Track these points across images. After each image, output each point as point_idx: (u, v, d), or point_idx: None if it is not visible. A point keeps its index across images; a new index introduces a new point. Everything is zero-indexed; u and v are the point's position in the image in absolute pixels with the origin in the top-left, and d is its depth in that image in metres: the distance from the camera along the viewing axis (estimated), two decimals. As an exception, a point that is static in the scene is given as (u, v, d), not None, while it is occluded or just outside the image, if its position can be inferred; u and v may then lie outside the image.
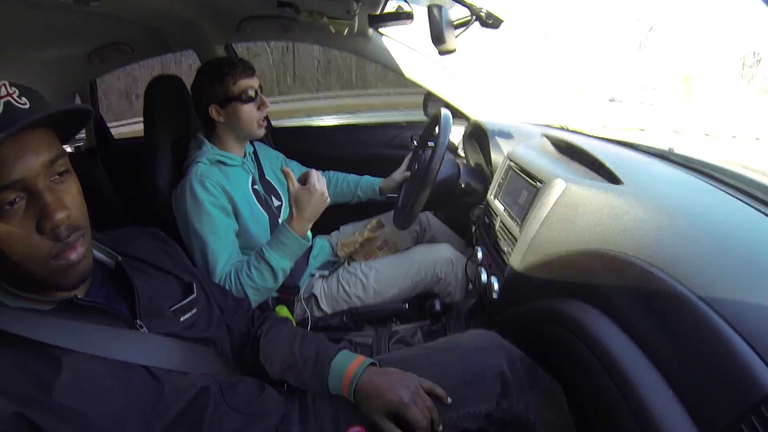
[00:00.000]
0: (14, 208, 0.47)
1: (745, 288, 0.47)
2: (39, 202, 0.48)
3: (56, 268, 0.50)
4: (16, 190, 0.47)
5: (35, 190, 0.48)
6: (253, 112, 1.09)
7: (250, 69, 1.10)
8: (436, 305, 1.06)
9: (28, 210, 0.48)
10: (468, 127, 1.42)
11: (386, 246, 1.38)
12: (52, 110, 0.48)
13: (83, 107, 0.53)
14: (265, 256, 0.96)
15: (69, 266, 0.51)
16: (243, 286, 0.97)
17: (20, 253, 0.48)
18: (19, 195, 0.47)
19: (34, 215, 0.48)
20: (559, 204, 0.75)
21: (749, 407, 0.41)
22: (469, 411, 0.67)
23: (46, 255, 0.49)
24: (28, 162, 0.47)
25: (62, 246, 0.50)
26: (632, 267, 0.58)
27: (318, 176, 0.97)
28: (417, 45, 1.45)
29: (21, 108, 0.47)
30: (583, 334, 0.63)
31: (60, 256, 0.50)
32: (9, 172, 0.46)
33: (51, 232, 0.49)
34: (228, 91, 1.06)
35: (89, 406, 0.50)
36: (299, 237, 0.96)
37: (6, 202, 0.47)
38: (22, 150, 0.47)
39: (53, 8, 1.00)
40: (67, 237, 0.50)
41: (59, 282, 0.51)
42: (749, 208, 0.65)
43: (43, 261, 0.49)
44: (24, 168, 0.47)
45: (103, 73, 1.86)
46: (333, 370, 0.69)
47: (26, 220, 0.48)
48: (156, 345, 0.59)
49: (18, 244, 0.47)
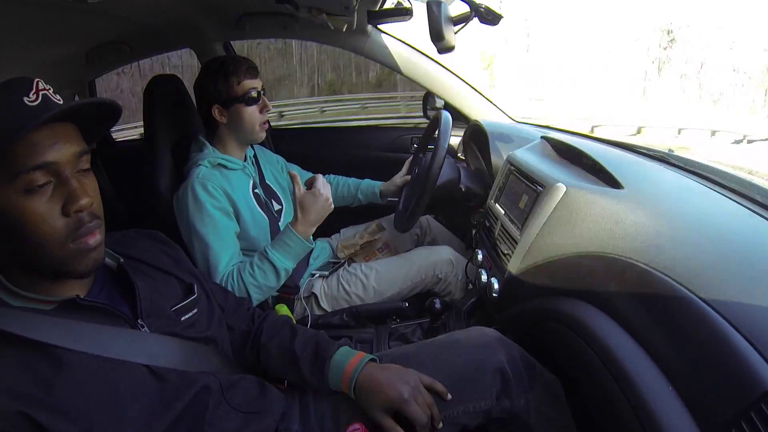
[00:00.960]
0: (43, 189, 0.50)
1: (745, 289, 0.48)
2: (66, 186, 0.51)
3: (73, 251, 0.52)
4: (47, 173, 0.50)
5: (64, 175, 0.51)
6: (256, 115, 1.09)
7: (254, 69, 1.10)
8: (436, 303, 1.06)
9: (55, 193, 0.51)
10: (467, 129, 1.42)
11: (387, 248, 1.38)
12: (84, 101, 0.52)
13: (111, 101, 0.56)
14: (269, 256, 0.98)
15: (86, 250, 0.53)
16: (246, 284, 0.98)
17: (42, 232, 0.50)
18: (49, 179, 0.50)
19: (60, 198, 0.51)
20: (559, 208, 0.75)
21: (749, 403, 0.41)
22: (469, 407, 0.67)
23: (66, 236, 0.51)
24: (60, 148, 0.51)
25: (84, 229, 0.52)
26: (632, 269, 0.58)
27: (323, 182, 1.00)
28: (416, 42, 1.45)
29: (56, 102, 0.52)
30: (583, 332, 0.64)
31: (79, 239, 0.52)
32: (43, 155, 0.49)
33: (75, 216, 0.51)
34: (231, 91, 1.06)
35: (91, 405, 0.50)
36: (303, 239, 0.98)
37: (36, 184, 0.49)
38: (56, 137, 0.51)
39: (51, 6, 0.99)
40: (89, 222, 0.53)
41: (74, 266, 0.53)
42: (748, 211, 0.65)
43: (62, 242, 0.51)
44: (56, 153, 0.50)
45: (102, 72, 1.85)
46: (333, 366, 0.70)
47: (53, 202, 0.51)
48: (157, 344, 0.59)
49: (42, 223, 0.50)
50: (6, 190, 0.49)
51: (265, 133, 1.13)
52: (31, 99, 0.49)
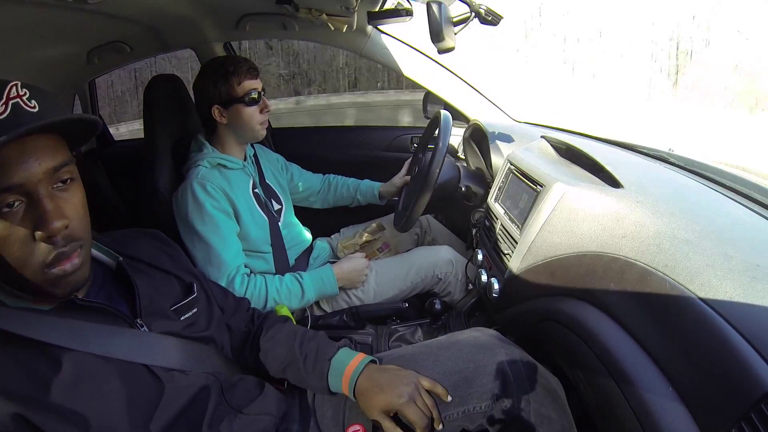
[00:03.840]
0: (13, 210, 0.47)
1: (745, 289, 0.47)
2: (38, 208, 0.47)
3: (49, 276, 0.49)
4: (16, 194, 0.46)
5: (36, 195, 0.47)
6: (256, 115, 1.09)
7: (254, 70, 1.10)
8: (436, 304, 1.06)
9: (26, 214, 0.47)
10: (467, 129, 1.42)
11: (387, 248, 1.38)
12: (55, 118, 0.48)
13: (89, 117, 0.52)
14: (303, 283, 1.06)
15: (62, 276, 0.50)
16: (268, 295, 1.02)
17: (16, 256, 0.47)
18: (19, 199, 0.47)
19: (32, 221, 0.47)
20: (559, 208, 0.75)
21: (749, 404, 0.41)
22: (470, 408, 0.67)
23: (41, 262, 0.48)
24: (30, 167, 0.47)
25: (57, 255, 0.49)
26: (632, 269, 0.58)
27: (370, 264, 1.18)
28: (416, 42, 1.45)
29: (29, 111, 0.47)
30: (583, 332, 0.64)
31: (54, 265, 0.49)
32: (10, 176, 0.45)
33: (49, 240, 0.48)
34: (232, 91, 1.06)
35: (89, 406, 0.50)
36: (336, 281, 1.10)
37: (5, 204, 0.46)
38: (25, 155, 0.46)
39: (51, 6, 0.99)
40: (63, 246, 0.49)
41: (51, 291, 0.51)
42: (749, 210, 0.65)
43: (37, 268, 0.48)
44: (25, 173, 0.46)
45: (102, 72, 1.85)
46: (333, 368, 0.70)
47: (24, 224, 0.47)
48: (156, 344, 0.59)
49: (14, 247, 0.47)
50: None
51: (264, 132, 1.13)
52: None
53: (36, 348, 0.50)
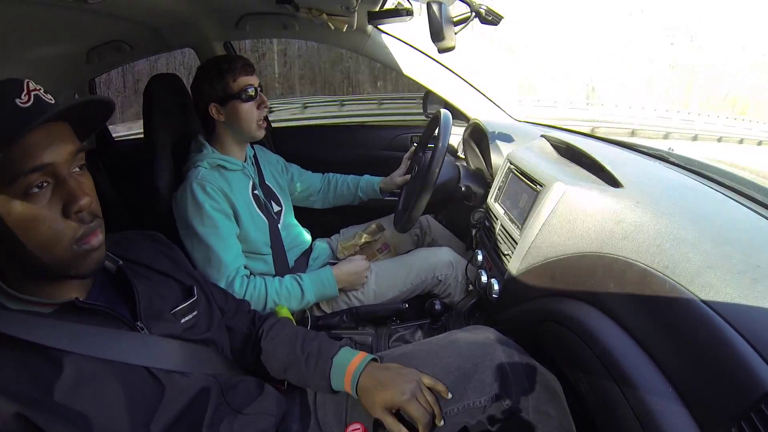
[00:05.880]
0: (41, 191, 0.50)
1: (745, 290, 0.47)
2: (65, 187, 0.51)
3: (78, 252, 0.52)
4: (44, 174, 0.49)
5: (61, 176, 0.51)
6: (253, 112, 1.09)
7: (250, 66, 1.09)
8: (436, 305, 1.06)
9: (54, 195, 0.50)
10: (467, 128, 1.42)
11: (386, 249, 1.38)
12: (78, 100, 0.52)
13: (106, 98, 0.56)
14: (302, 285, 1.05)
15: (90, 251, 0.53)
16: (267, 295, 1.02)
17: (46, 236, 0.50)
18: (47, 180, 0.50)
19: (60, 199, 0.51)
20: (559, 208, 0.75)
21: (749, 404, 0.41)
22: (469, 403, 0.67)
23: (71, 238, 0.51)
24: (57, 149, 0.50)
25: (86, 230, 0.52)
26: (632, 269, 0.58)
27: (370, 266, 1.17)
28: (416, 41, 1.45)
29: (48, 102, 0.51)
30: (584, 333, 0.64)
31: (83, 241, 0.52)
32: (39, 156, 0.49)
33: (76, 216, 0.51)
34: (228, 88, 1.06)
35: (90, 407, 0.50)
36: (335, 283, 1.09)
37: (34, 185, 0.49)
38: (51, 137, 0.50)
39: (51, 6, 0.99)
40: (90, 221, 0.53)
41: (77, 267, 0.53)
42: (749, 210, 0.65)
43: (67, 245, 0.51)
44: (53, 153, 0.50)
45: (102, 72, 1.85)
46: (335, 366, 0.70)
47: (53, 204, 0.50)
48: (156, 346, 0.59)
49: (44, 226, 0.50)
50: (4, 195, 0.48)
51: (263, 131, 1.13)
52: (23, 100, 0.49)
53: (37, 350, 0.50)
